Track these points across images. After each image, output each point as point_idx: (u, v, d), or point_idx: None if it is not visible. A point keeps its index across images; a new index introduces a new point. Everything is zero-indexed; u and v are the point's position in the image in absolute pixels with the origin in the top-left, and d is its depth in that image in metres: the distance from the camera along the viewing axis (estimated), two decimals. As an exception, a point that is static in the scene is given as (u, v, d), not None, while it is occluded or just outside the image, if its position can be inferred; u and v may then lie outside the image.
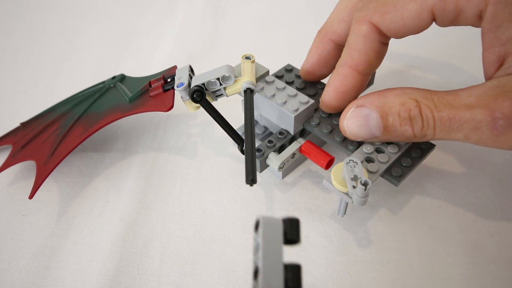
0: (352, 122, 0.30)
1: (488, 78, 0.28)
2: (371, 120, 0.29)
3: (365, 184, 0.26)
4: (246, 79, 0.31)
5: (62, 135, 0.36)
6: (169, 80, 0.35)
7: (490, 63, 0.28)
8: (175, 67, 0.36)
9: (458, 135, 0.27)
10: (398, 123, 0.28)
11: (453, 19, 0.28)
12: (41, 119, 0.40)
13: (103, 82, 0.41)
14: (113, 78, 0.40)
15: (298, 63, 0.37)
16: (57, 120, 0.39)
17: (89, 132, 0.34)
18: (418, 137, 0.28)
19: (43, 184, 0.33)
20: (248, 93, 0.31)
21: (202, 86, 0.31)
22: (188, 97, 0.32)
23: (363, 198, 0.26)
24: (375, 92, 0.30)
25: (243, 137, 0.34)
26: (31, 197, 0.33)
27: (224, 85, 0.32)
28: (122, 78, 0.40)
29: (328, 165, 0.32)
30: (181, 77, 0.32)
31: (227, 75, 0.31)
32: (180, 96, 0.33)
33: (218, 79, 0.31)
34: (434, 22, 0.29)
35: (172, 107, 0.33)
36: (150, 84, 0.35)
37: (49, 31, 0.56)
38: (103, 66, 0.50)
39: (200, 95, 0.31)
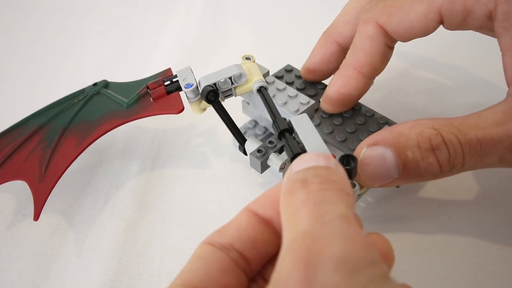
0: (366, 165, 0.25)
1: (511, 82, 0.26)
2: (388, 159, 0.24)
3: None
4: (256, 78, 0.31)
5: (51, 148, 0.34)
6: (168, 82, 0.34)
7: (511, 66, 0.26)
8: (169, 69, 0.36)
9: (492, 159, 0.24)
10: (420, 156, 0.24)
11: (462, 21, 0.27)
12: (11, 135, 0.37)
13: (83, 90, 0.38)
14: (95, 84, 0.38)
15: (298, 64, 0.37)
16: (36, 134, 0.36)
17: (88, 141, 0.33)
18: (445, 170, 0.24)
19: (46, 202, 0.32)
20: (263, 91, 0.31)
21: (213, 86, 0.31)
22: (195, 98, 0.32)
23: None
24: (385, 128, 0.26)
25: (245, 137, 0.34)
26: (36, 218, 0.31)
27: (235, 85, 0.32)
28: (106, 84, 0.38)
29: (329, 165, 0.32)
30: (186, 78, 0.32)
31: (240, 73, 0.31)
32: (185, 97, 0.32)
33: (230, 78, 0.31)
34: (442, 25, 0.29)
35: (183, 109, 0.32)
36: (148, 87, 0.34)
37: (49, 31, 0.56)
38: (103, 66, 0.50)
39: (214, 95, 0.31)
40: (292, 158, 0.23)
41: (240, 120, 0.38)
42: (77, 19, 0.58)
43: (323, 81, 0.36)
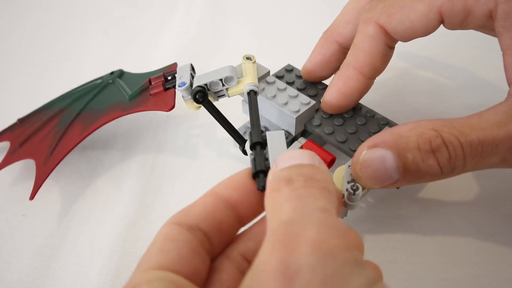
0: (367, 166, 0.25)
1: (511, 82, 0.26)
2: (388, 161, 0.25)
3: (354, 189, 0.26)
4: (249, 81, 0.31)
5: (61, 133, 0.36)
6: (169, 78, 0.34)
7: None
8: (175, 64, 0.36)
9: (493, 160, 0.24)
10: (420, 158, 0.24)
11: (462, 21, 0.27)
12: (39, 115, 0.40)
13: (101, 78, 0.40)
14: (112, 73, 0.40)
15: (298, 63, 0.37)
16: (55, 117, 0.38)
17: (88, 131, 0.34)
18: (445, 172, 0.25)
19: (43, 184, 0.33)
20: (252, 95, 0.31)
21: (205, 86, 0.31)
22: (189, 97, 0.32)
23: (350, 202, 0.26)
24: (386, 130, 0.26)
25: (245, 138, 0.34)
26: (31, 198, 0.33)
27: (226, 86, 0.32)
28: (120, 74, 0.40)
29: (330, 164, 0.32)
30: (182, 76, 0.32)
31: (230, 76, 0.31)
32: (181, 95, 0.33)
33: (221, 80, 0.31)
34: (442, 25, 0.29)
35: (173, 107, 0.32)
36: (150, 82, 0.35)
37: (49, 31, 0.56)
38: (103, 66, 0.50)
39: (203, 96, 0.31)
40: (254, 175, 0.23)
41: (240, 120, 0.38)
42: (77, 19, 0.58)
43: (323, 81, 0.36)
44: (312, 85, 0.36)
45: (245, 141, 0.33)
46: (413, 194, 0.34)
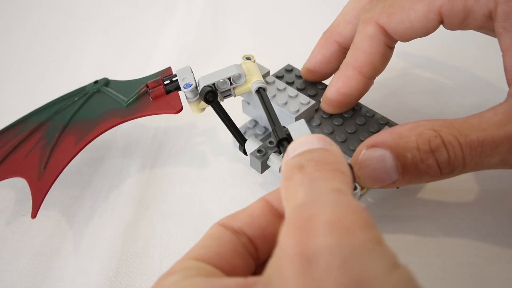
0: (366, 165, 0.25)
1: (511, 82, 0.26)
2: (387, 161, 0.24)
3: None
4: (256, 79, 0.31)
5: (51, 146, 0.34)
6: (167, 82, 0.34)
7: None
8: (169, 68, 0.35)
9: (493, 160, 0.24)
10: (419, 158, 0.24)
11: (462, 21, 0.27)
12: (13, 131, 0.37)
13: (84, 88, 0.39)
14: (96, 82, 0.38)
15: (298, 64, 0.37)
16: (37, 131, 0.36)
17: (87, 139, 0.33)
18: (445, 173, 0.25)
19: (43, 200, 0.32)
20: (262, 92, 0.31)
21: (212, 86, 0.31)
22: (194, 98, 0.32)
23: None
24: (385, 130, 0.26)
25: (245, 137, 0.34)
26: (33, 216, 0.31)
27: (234, 85, 0.32)
28: (106, 82, 0.38)
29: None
30: (185, 78, 0.32)
31: (238, 74, 0.31)
32: (184, 97, 0.32)
33: (229, 78, 0.31)
34: (442, 25, 0.29)
35: (181, 109, 0.32)
36: (147, 87, 0.34)
37: (49, 31, 0.56)
38: (103, 66, 0.50)
39: (213, 96, 0.31)
40: (277, 145, 0.24)
41: (240, 120, 0.38)
42: (77, 19, 0.58)
43: (323, 81, 0.36)
44: (312, 85, 0.36)
45: (246, 140, 0.33)
46: (413, 194, 0.34)
